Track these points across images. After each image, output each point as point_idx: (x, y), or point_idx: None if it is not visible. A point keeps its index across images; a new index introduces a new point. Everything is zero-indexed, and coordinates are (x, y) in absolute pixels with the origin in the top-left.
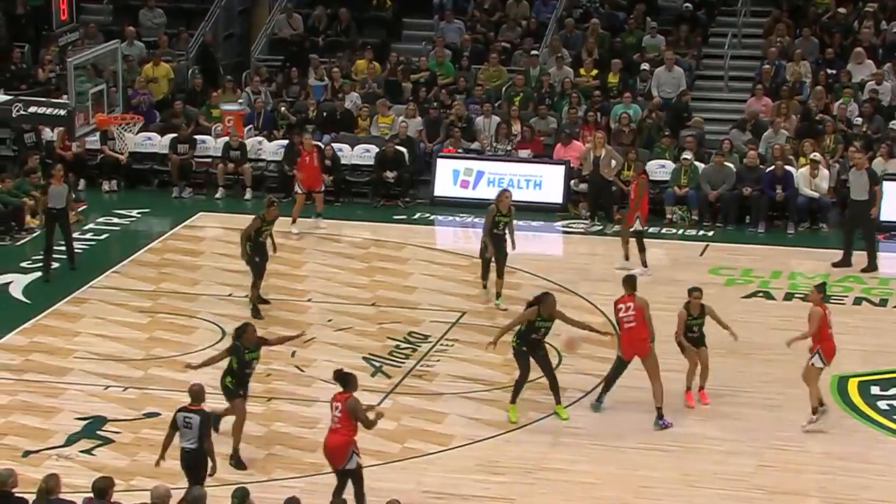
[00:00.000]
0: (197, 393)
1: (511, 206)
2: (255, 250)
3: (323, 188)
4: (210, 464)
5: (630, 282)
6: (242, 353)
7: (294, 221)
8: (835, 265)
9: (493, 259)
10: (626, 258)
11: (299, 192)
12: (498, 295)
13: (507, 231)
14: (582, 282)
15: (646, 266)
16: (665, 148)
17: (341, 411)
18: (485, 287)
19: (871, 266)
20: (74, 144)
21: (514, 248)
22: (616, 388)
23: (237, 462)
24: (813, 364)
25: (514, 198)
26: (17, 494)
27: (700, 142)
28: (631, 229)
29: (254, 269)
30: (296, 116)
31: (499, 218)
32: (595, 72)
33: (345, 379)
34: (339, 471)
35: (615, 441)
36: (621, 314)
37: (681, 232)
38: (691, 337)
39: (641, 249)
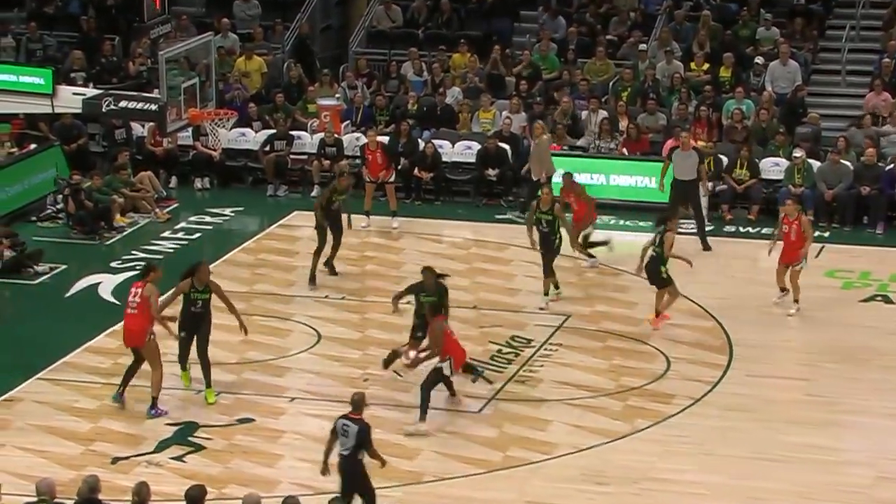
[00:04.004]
0: (357, 402)
1: (554, 200)
2: (327, 217)
3: (392, 178)
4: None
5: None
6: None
7: (368, 214)
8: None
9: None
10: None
11: (368, 181)
12: (546, 292)
13: (549, 228)
14: (690, 284)
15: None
16: (779, 145)
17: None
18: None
19: (706, 246)
20: (166, 140)
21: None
22: (712, 395)
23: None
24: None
25: (620, 196)
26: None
27: (816, 139)
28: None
29: (320, 235)
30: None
31: (539, 215)
32: (706, 66)
33: None
34: None
35: (725, 450)
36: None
37: None
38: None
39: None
